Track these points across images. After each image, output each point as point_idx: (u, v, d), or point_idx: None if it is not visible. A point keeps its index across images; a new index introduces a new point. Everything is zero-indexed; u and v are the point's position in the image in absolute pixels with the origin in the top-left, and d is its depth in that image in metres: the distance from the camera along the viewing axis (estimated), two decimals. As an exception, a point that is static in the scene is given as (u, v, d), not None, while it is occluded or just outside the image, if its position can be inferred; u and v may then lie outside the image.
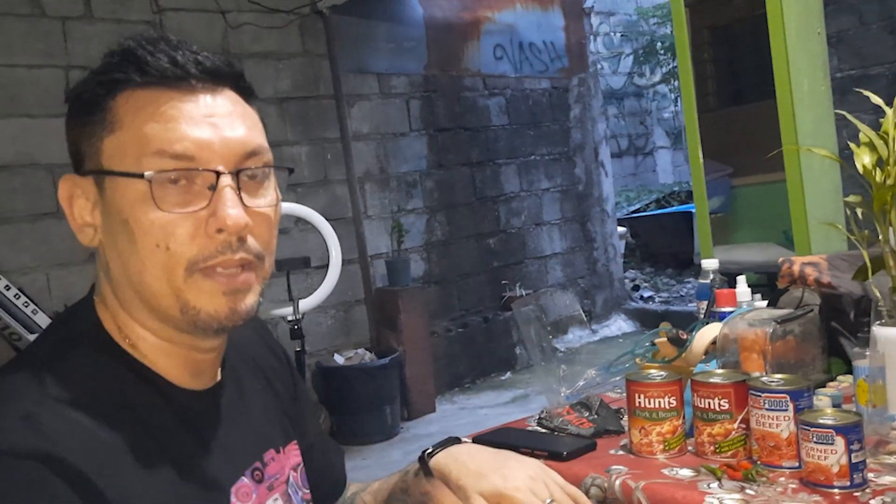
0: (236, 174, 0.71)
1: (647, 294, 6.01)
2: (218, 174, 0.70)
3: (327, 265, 2.45)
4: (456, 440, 0.91)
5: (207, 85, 0.71)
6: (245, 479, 0.75)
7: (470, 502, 0.84)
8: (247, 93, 0.75)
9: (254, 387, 0.83)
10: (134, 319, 0.72)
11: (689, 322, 1.39)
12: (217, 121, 0.70)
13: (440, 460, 0.89)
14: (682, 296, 5.82)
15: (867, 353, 1.07)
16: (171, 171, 0.69)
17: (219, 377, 0.78)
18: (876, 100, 1.20)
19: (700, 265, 1.53)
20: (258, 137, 0.74)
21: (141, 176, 0.68)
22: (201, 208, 0.70)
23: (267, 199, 0.74)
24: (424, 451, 0.88)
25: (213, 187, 0.69)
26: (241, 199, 0.71)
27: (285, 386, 0.90)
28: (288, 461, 0.82)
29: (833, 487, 0.90)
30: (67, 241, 2.98)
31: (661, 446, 1.05)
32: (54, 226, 3.06)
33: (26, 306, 2.66)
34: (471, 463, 0.88)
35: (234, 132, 0.71)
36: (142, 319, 0.72)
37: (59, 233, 3.04)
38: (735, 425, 1.02)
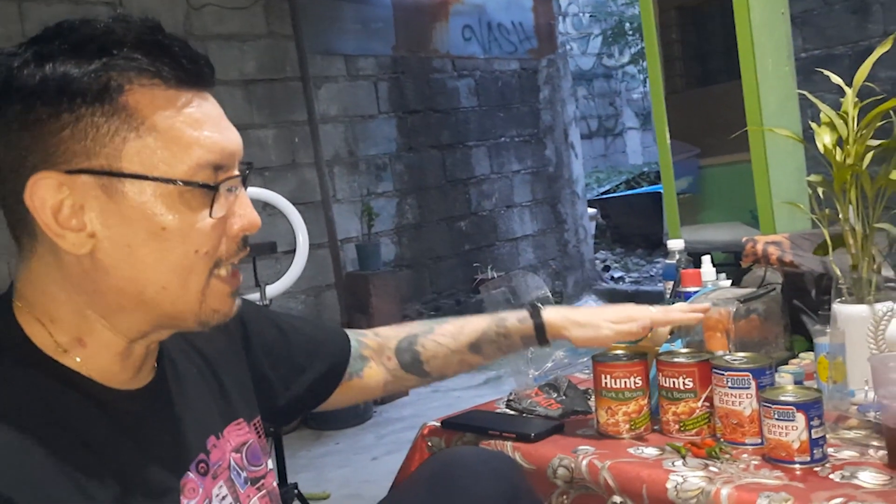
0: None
1: (617, 275, 6.06)
2: (243, 178, 0.71)
3: (295, 249, 2.42)
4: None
5: (209, 81, 0.70)
6: (190, 475, 0.73)
7: (600, 329, 1.07)
8: None
9: (189, 371, 0.80)
10: (93, 321, 0.68)
11: (659, 302, 1.40)
12: (227, 123, 0.71)
13: (549, 313, 1.09)
14: (652, 276, 5.88)
15: (828, 331, 1.09)
16: (230, 180, 0.69)
17: (155, 368, 0.75)
18: (836, 79, 1.21)
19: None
20: None
21: (212, 188, 0.67)
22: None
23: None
24: (532, 304, 1.10)
25: (234, 189, 0.70)
26: None
27: (231, 356, 0.87)
28: (228, 445, 0.80)
29: (794, 463, 0.91)
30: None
31: (628, 426, 1.06)
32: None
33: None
34: (577, 313, 1.10)
35: (236, 132, 0.72)
36: (114, 322, 0.68)
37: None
38: (699, 404, 1.03)
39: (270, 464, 0.86)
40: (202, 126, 0.67)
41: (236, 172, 0.70)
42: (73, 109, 0.63)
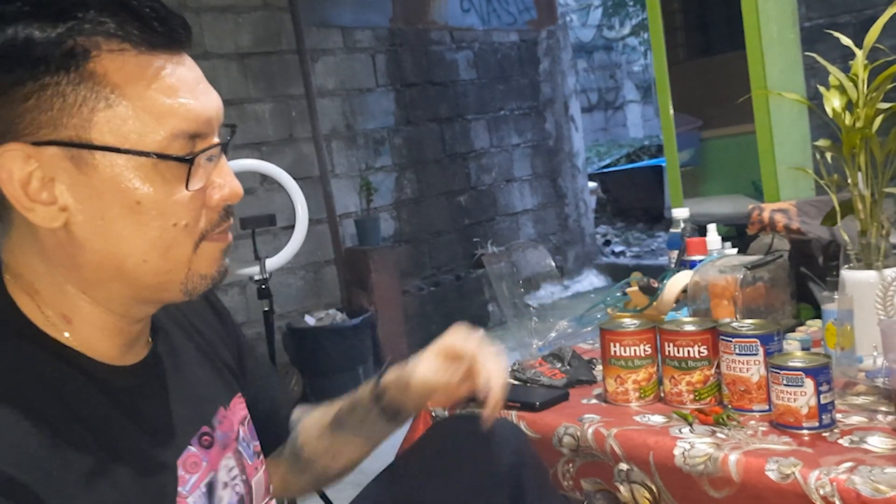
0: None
1: (618, 249, 6.05)
2: (224, 145, 0.68)
3: (294, 224, 2.40)
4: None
5: (184, 43, 0.66)
6: (192, 449, 0.72)
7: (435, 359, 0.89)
8: None
9: (186, 346, 0.78)
10: (74, 297, 0.66)
11: (660, 273, 1.39)
12: (204, 87, 0.67)
13: (389, 374, 0.92)
14: (652, 250, 5.87)
15: (835, 297, 1.07)
16: (208, 150, 0.66)
17: (150, 343, 0.74)
18: (846, 41, 1.19)
19: (670, 219, 1.52)
20: None
21: (188, 160, 0.64)
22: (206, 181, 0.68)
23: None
24: (381, 372, 0.93)
25: (214, 158, 0.67)
26: None
27: (222, 336, 0.86)
28: (235, 416, 0.80)
29: (802, 428, 0.90)
30: None
31: (637, 394, 1.05)
32: None
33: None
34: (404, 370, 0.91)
35: (216, 96, 0.68)
36: (95, 296, 0.66)
37: None
38: (712, 371, 1.02)
39: None
40: (177, 93, 0.63)
41: (215, 140, 0.67)
42: (37, 77, 0.60)
